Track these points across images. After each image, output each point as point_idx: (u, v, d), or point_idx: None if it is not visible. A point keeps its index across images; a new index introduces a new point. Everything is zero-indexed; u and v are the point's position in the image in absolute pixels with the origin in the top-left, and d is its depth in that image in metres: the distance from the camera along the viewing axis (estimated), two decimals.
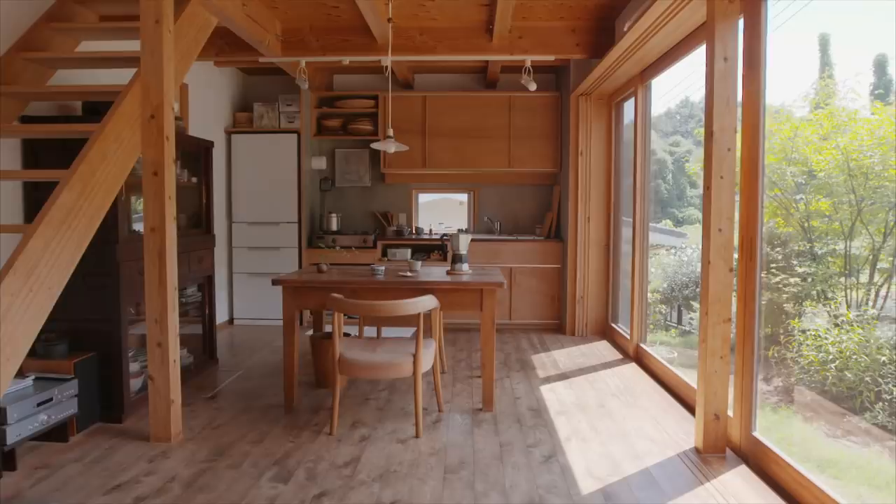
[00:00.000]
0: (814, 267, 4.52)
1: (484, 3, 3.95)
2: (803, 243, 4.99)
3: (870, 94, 4.50)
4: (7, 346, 2.05)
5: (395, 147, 3.63)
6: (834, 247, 4.41)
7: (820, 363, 3.83)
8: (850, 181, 4.04)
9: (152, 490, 2.43)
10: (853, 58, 4.26)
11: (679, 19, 3.09)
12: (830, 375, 3.76)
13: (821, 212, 4.34)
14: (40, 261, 2.20)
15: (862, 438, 3.43)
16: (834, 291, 4.33)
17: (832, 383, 3.77)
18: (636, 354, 4.41)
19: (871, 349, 3.59)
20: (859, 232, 4.08)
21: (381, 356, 3.02)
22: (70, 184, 2.35)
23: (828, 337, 3.86)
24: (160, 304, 2.85)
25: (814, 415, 3.86)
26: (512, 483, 2.51)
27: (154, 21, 2.79)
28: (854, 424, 3.50)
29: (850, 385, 3.64)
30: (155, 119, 2.81)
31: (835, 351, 3.76)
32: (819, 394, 3.79)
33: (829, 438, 3.65)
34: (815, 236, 4.38)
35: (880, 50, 3.93)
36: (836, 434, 3.65)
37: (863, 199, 3.95)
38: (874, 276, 3.88)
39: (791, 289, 4.90)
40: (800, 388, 3.89)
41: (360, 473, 2.59)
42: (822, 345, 3.87)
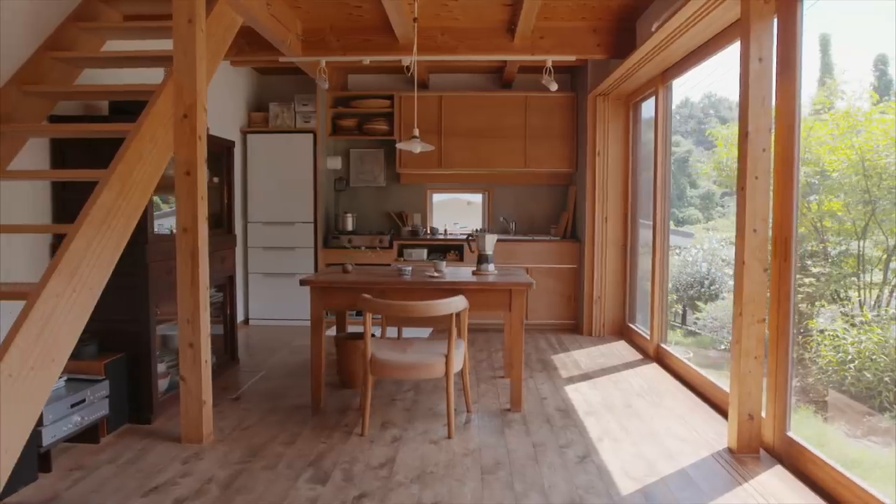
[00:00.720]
0: (828, 267, 4.53)
1: (507, 3, 3.95)
2: (815, 243, 5.00)
3: (871, 95, 4.53)
4: (52, 348, 2.03)
5: (420, 147, 3.62)
6: (846, 247, 4.43)
7: (838, 363, 3.84)
8: (864, 181, 4.05)
9: (190, 492, 2.42)
10: (853, 58, 4.28)
11: (709, 19, 3.09)
12: (849, 375, 3.78)
13: (833, 212, 4.35)
14: (83, 261, 2.18)
15: (883, 438, 3.44)
16: (847, 291, 4.35)
17: (851, 383, 3.78)
18: (657, 354, 4.41)
19: (890, 349, 3.60)
20: (872, 232, 4.09)
21: (413, 357, 3.01)
22: (110, 183, 2.33)
23: (846, 337, 3.87)
24: (192, 304, 2.84)
25: (833, 415, 3.87)
26: (550, 483, 2.51)
27: (187, 20, 2.78)
28: (874, 424, 3.51)
29: (870, 385, 3.65)
30: (188, 119, 2.79)
31: (854, 351, 3.77)
32: (838, 394, 3.80)
33: (849, 438, 3.66)
34: (827, 236, 4.40)
35: (880, 50, 3.95)
36: (856, 434, 3.66)
37: (877, 199, 3.96)
38: (888, 276, 3.89)
39: (806, 289, 4.91)
40: (819, 388, 3.90)
41: (397, 474, 2.58)
42: (841, 345, 3.88)
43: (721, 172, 6.46)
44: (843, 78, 4.86)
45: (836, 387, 3.83)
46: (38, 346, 1.97)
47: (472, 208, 6.41)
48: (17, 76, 2.85)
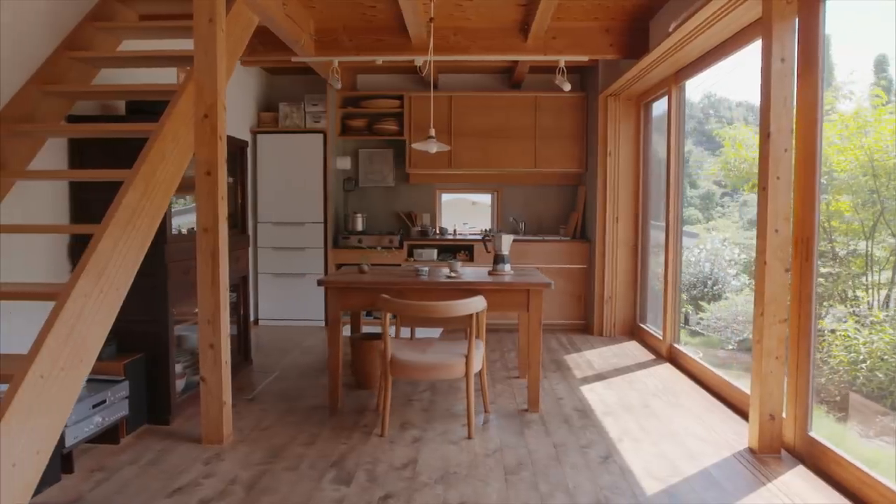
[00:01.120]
0: (837, 267, 4.54)
1: (521, 3, 3.95)
2: (824, 244, 5.00)
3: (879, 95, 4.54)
4: (81, 348, 2.03)
5: (436, 147, 3.62)
6: (855, 247, 4.44)
7: (849, 363, 3.85)
8: (873, 181, 4.06)
9: (215, 492, 2.41)
10: (859, 57, 4.29)
11: (728, 19, 3.09)
12: (861, 376, 3.78)
13: (840, 212, 4.36)
14: (109, 261, 2.17)
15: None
16: (856, 291, 4.36)
17: (862, 383, 3.79)
18: (669, 354, 4.42)
19: None
20: (880, 232, 4.10)
21: (433, 357, 3.00)
22: (134, 184, 2.33)
23: (857, 337, 3.88)
24: (213, 304, 2.83)
25: (846, 415, 3.87)
26: (575, 484, 2.50)
27: (208, 20, 2.77)
28: (886, 424, 3.52)
29: (881, 385, 3.66)
30: (208, 118, 2.79)
31: (865, 351, 3.78)
32: (850, 394, 3.80)
33: (862, 438, 3.67)
34: (835, 237, 4.40)
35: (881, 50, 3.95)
36: (868, 434, 3.67)
37: (885, 199, 3.97)
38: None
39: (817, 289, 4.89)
40: (830, 389, 3.91)
41: (421, 475, 2.58)
42: (853, 345, 3.89)
43: (729, 173, 6.47)
44: (851, 78, 4.87)
45: (847, 387, 3.84)
46: (68, 347, 1.96)
47: (477, 208, 6.41)
48: (36, 76, 2.84)
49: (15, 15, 2.75)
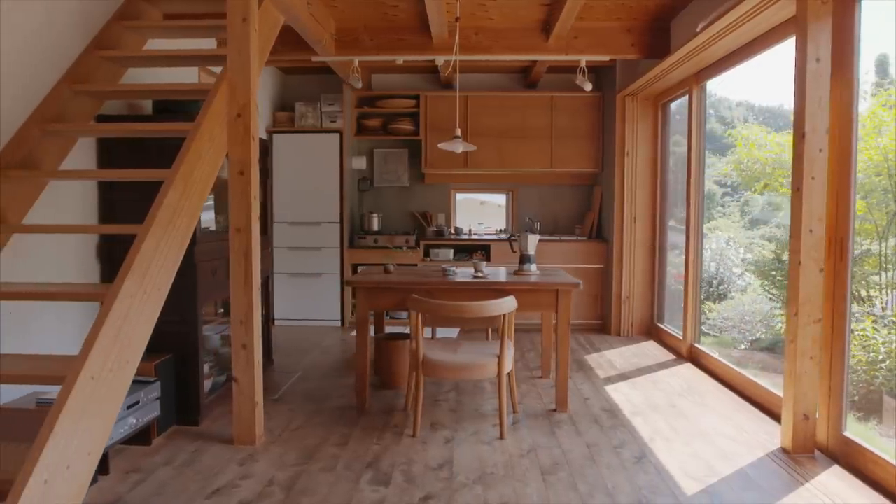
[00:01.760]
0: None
1: (545, 3, 3.94)
2: None
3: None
4: (127, 349, 2.02)
5: (462, 147, 3.61)
6: (868, 247, 4.44)
7: (868, 363, 3.86)
8: (888, 181, 4.06)
9: (254, 494, 2.40)
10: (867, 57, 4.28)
11: (758, 20, 3.09)
12: (881, 375, 3.79)
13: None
14: (152, 261, 2.16)
15: None
16: (869, 291, 4.37)
17: (882, 383, 3.79)
18: (690, 354, 4.42)
19: None
20: (893, 232, 4.10)
21: (465, 357, 3.00)
22: (175, 183, 2.31)
23: (876, 337, 3.89)
24: (246, 304, 2.82)
25: (864, 414, 3.88)
26: (613, 484, 2.50)
27: (241, 19, 2.76)
28: None
29: None
30: (241, 118, 2.78)
31: (884, 351, 3.79)
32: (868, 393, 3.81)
33: (882, 438, 3.67)
34: None
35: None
36: (889, 434, 3.67)
37: None
38: None
39: None
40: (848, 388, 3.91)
41: (458, 476, 2.57)
42: (871, 345, 3.89)
43: (741, 173, 6.48)
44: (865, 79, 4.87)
45: (865, 386, 3.85)
46: (116, 348, 1.95)
47: (485, 207, 6.40)
48: (67, 75, 2.82)
49: (49, 14, 2.74)
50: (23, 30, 2.59)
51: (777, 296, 5.52)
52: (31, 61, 2.65)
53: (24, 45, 2.60)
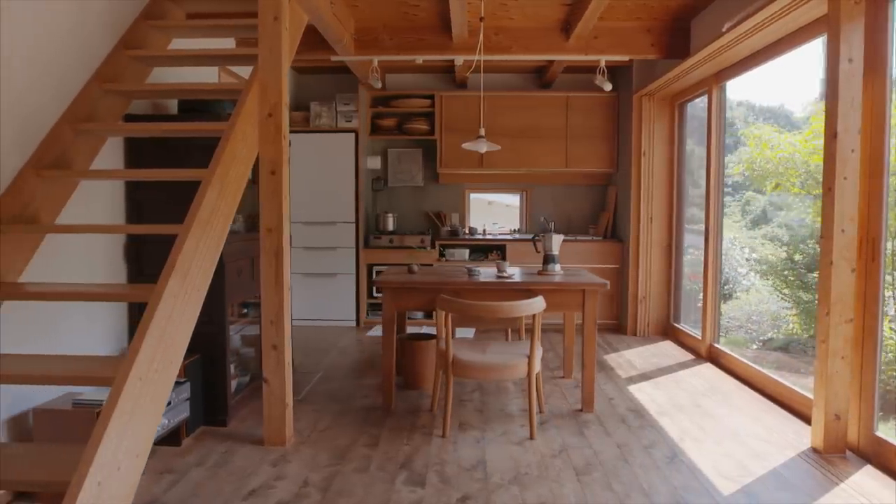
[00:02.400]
0: None
1: (566, 3, 3.94)
2: None
3: None
4: (171, 350, 2.01)
5: (486, 147, 3.61)
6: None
7: (885, 363, 3.86)
8: None
9: (290, 495, 2.39)
10: None
11: (786, 20, 3.09)
12: None
13: None
14: (193, 262, 2.15)
15: None
16: (884, 291, 4.36)
17: None
18: (709, 354, 4.42)
19: None
20: None
21: (495, 358, 2.99)
22: (212, 183, 2.30)
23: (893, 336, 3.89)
24: (277, 304, 2.81)
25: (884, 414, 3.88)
26: (648, 484, 2.50)
27: (273, 18, 2.75)
28: None
29: None
30: (272, 117, 2.77)
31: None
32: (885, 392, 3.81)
33: None
34: None
35: None
36: None
37: None
38: None
39: None
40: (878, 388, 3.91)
41: (493, 476, 2.57)
42: (888, 345, 3.90)
43: (753, 172, 6.49)
44: None
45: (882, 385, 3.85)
46: (161, 348, 1.94)
47: (494, 207, 6.40)
48: (97, 75, 2.81)
49: (81, 14, 2.73)
50: (58, 30, 2.59)
51: (788, 295, 5.54)
52: (66, 61, 2.64)
53: (58, 46, 2.59)
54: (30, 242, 2.38)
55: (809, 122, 5.57)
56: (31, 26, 2.44)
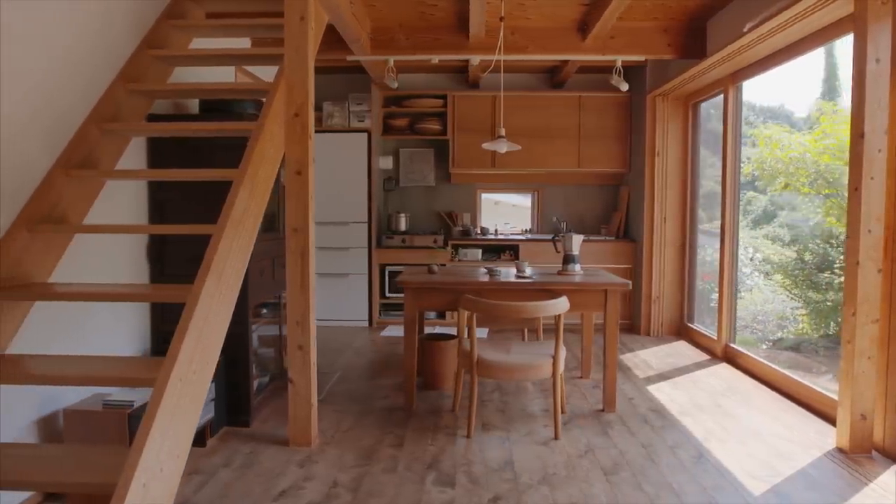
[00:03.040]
0: None
1: (584, 3, 3.94)
2: None
3: None
4: (208, 350, 2.00)
5: (507, 146, 3.60)
6: None
7: None
8: None
9: (321, 496, 2.39)
10: None
11: (810, 20, 3.09)
12: None
13: None
14: (226, 262, 2.15)
15: None
16: None
17: None
18: (725, 354, 4.42)
19: None
20: None
21: (520, 358, 2.99)
22: (244, 183, 2.30)
23: None
24: (303, 305, 2.80)
25: None
26: (677, 484, 2.50)
27: (299, 18, 2.74)
28: None
29: None
30: (299, 117, 2.76)
31: None
32: None
33: None
34: None
35: None
36: None
37: None
38: None
39: None
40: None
41: (521, 476, 2.56)
42: None
43: (763, 172, 6.50)
44: None
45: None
46: (199, 349, 1.93)
47: (500, 207, 6.39)
48: (121, 74, 2.80)
49: (108, 14, 2.72)
50: (87, 31, 2.58)
51: (798, 295, 5.55)
52: (93, 62, 2.63)
53: (87, 47, 2.58)
54: (59, 242, 2.37)
55: (819, 122, 5.59)
56: (63, 27, 2.43)
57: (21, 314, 2.19)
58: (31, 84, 2.28)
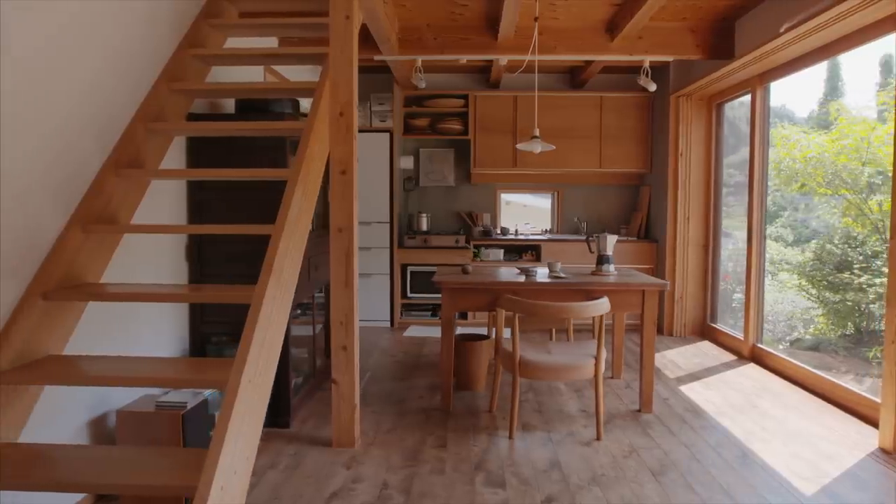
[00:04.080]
0: None
1: (615, 3, 3.93)
2: (879, 244, 5.04)
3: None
4: (271, 351, 1.99)
5: (541, 147, 3.60)
6: None
7: None
8: None
9: (373, 498, 2.38)
10: None
11: (851, 20, 3.10)
12: None
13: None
14: (284, 262, 2.14)
15: None
16: None
17: None
18: (753, 354, 4.43)
19: None
20: None
21: (563, 358, 2.99)
22: (298, 182, 2.29)
23: None
24: (347, 305, 2.79)
25: None
26: (727, 484, 2.50)
27: (344, 17, 2.73)
28: None
29: None
30: (344, 116, 2.75)
31: None
32: None
33: None
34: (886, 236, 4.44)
35: None
36: None
37: None
38: None
39: (878, 289, 4.95)
40: None
41: (570, 477, 2.56)
42: None
43: (780, 173, 6.52)
44: None
45: None
46: (264, 350, 1.92)
47: (511, 207, 6.39)
48: (163, 74, 2.78)
49: (152, 12, 2.70)
50: (135, 32, 2.57)
51: (815, 296, 5.56)
52: (140, 64, 2.62)
53: (135, 48, 2.57)
54: (111, 243, 2.36)
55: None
56: (113, 27, 2.42)
57: (75, 315, 2.18)
58: (86, 86, 2.27)
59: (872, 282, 4.98)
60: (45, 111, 2.05)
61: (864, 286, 5.09)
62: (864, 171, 5.37)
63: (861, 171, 5.33)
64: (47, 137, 2.06)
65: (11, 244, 1.92)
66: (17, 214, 1.94)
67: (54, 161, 2.10)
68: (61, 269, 2.10)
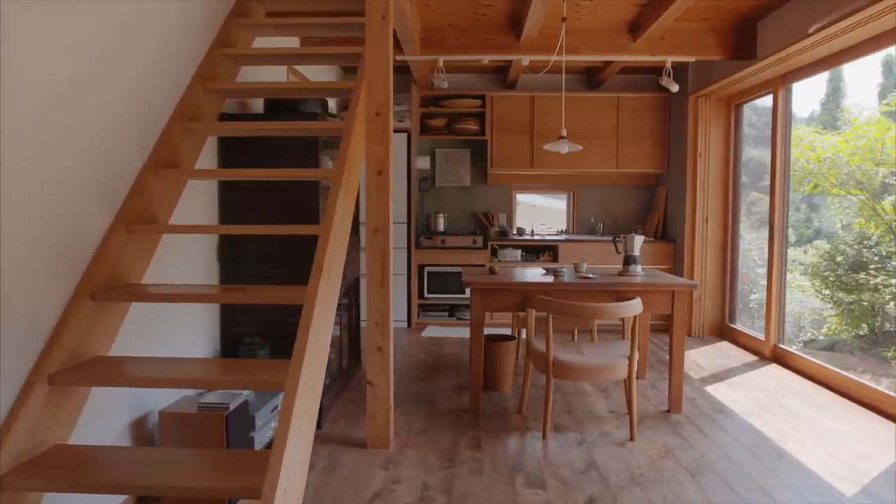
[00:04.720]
0: None
1: (639, 4, 3.93)
2: (894, 244, 5.06)
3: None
4: (321, 352, 1.98)
5: (568, 147, 3.60)
6: None
7: None
8: None
9: (415, 499, 2.37)
10: None
11: (883, 21, 3.10)
12: None
13: None
14: (332, 263, 2.13)
15: None
16: None
17: None
18: (774, 355, 4.43)
19: None
20: None
21: (597, 359, 2.98)
22: (341, 184, 2.28)
23: None
24: (382, 306, 2.78)
25: None
26: (766, 484, 2.50)
27: (381, 17, 2.72)
28: None
29: None
30: (380, 117, 2.74)
31: None
32: None
33: None
34: None
35: None
36: None
37: None
38: None
39: (894, 290, 4.96)
40: None
41: (610, 478, 2.56)
42: None
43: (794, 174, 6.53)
44: None
45: None
46: (316, 351, 1.92)
47: (522, 207, 6.38)
48: (198, 74, 2.77)
49: (186, 15, 2.69)
50: (171, 34, 2.56)
51: (828, 296, 5.57)
52: (176, 65, 2.61)
53: (172, 48, 2.56)
54: (152, 243, 2.35)
55: (851, 124, 5.62)
56: (151, 27, 2.41)
57: (120, 316, 2.17)
58: (131, 86, 2.26)
59: (888, 282, 4.99)
60: (95, 113, 2.05)
61: (880, 286, 5.11)
62: (879, 172, 5.38)
63: (875, 171, 5.35)
64: (97, 138, 2.05)
65: (64, 244, 1.92)
66: (70, 217, 1.93)
67: (102, 162, 2.09)
68: (106, 269, 2.09)
